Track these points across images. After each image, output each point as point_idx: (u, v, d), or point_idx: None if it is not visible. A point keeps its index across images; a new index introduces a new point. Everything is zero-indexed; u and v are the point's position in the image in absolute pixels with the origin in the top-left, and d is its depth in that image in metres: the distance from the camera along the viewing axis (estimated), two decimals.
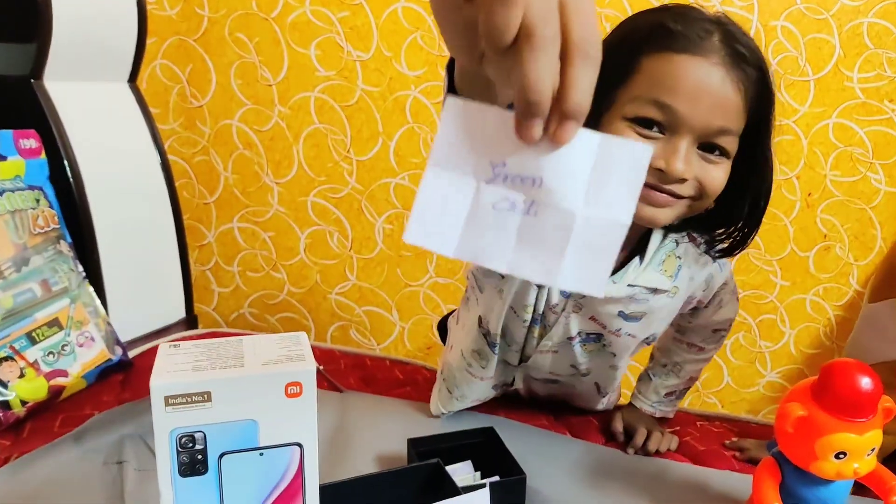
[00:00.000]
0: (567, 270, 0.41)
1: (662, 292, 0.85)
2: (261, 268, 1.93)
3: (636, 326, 0.87)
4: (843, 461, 0.63)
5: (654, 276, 0.84)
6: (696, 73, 0.71)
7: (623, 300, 0.84)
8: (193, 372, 0.41)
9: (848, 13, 1.62)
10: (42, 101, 1.21)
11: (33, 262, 1.05)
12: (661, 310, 0.87)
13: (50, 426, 0.94)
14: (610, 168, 0.41)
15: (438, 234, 0.42)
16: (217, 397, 0.40)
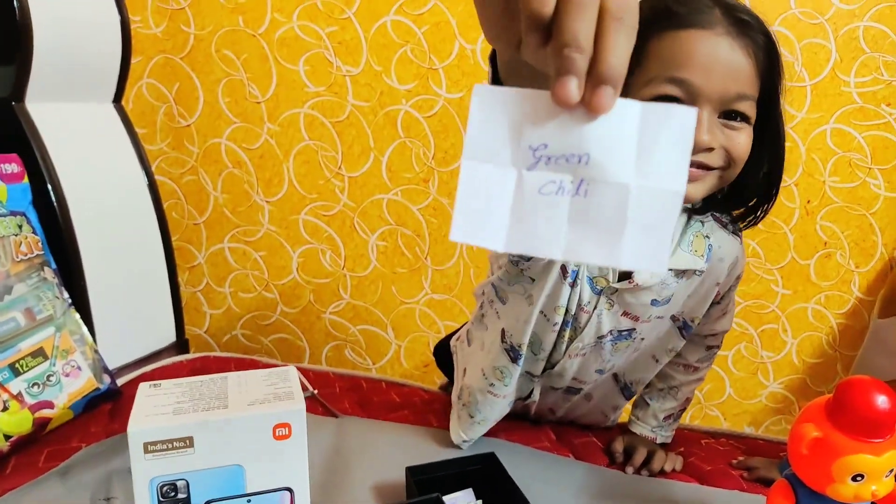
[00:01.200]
0: (628, 248, 0.39)
1: (692, 275, 0.86)
2: (253, 288, 1.92)
3: (664, 308, 0.87)
4: (860, 483, 0.61)
5: (686, 257, 0.85)
6: (705, 46, 0.73)
7: (655, 287, 0.84)
8: (174, 415, 0.38)
9: (843, 17, 1.63)
10: (24, 124, 1.20)
11: (16, 291, 1.03)
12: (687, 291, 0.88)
13: (35, 461, 0.92)
14: (657, 136, 0.39)
15: (484, 229, 0.40)
16: (200, 442, 0.38)
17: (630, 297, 0.85)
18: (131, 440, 0.38)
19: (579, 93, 0.38)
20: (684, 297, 0.88)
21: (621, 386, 0.99)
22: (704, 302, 0.91)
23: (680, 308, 0.90)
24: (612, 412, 1.03)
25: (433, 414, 1.08)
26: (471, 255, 1.82)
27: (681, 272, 0.85)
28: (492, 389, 0.92)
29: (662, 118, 0.39)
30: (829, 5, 1.63)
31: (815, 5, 1.63)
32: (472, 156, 0.40)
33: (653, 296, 0.85)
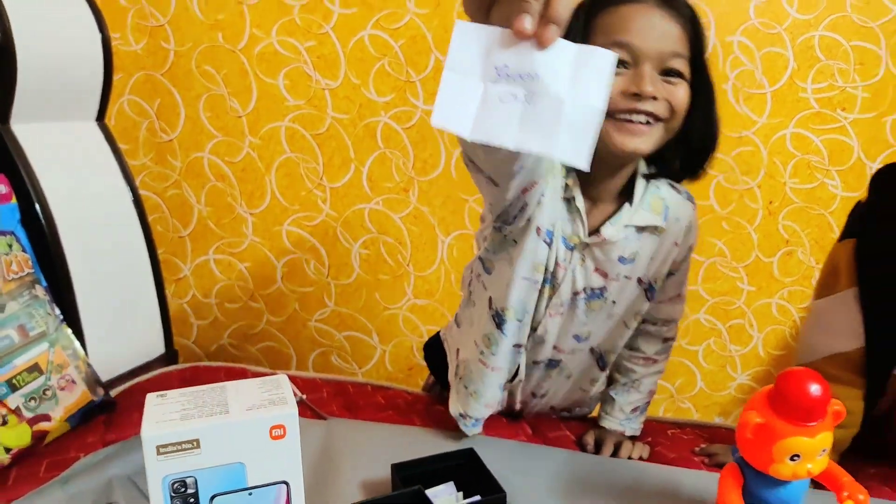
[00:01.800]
0: (560, 144, 0.54)
1: (653, 231, 0.97)
2: (239, 298, 1.96)
3: (631, 268, 0.98)
4: (797, 463, 0.68)
5: (646, 215, 0.97)
6: (640, 15, 0.88)
7: (620, 243, 0.95)
8: (182, 421, 0.44)
9: (800, 27, 1.70)
10: (9, 145, 1.22)
11: (9, 309, 1.06)
12: (650, 251, 0.99)
13: (35, 472, 0.96)
14: (586, 67, 0.55)
15: (457, 119, 0.56)
16: (206, 443, 0.43)
17: (599, 253, 0.95)
18: (145, 444, 0.43)
19: (533, 28, 0.53)
20: (648, 258, 0.98)
21: (596, 357, 1.06)
22: (665, 263, 1.00)
23: (644, 270, 0.99)
24: (590, 386, 1.09)
25: (416, 414, 1.13)
26: (451, 261, 1.88)
27: (641, 228, 0.96)
28: (482, 358, 0.99)
29: (589, 56, 0.54)
30: (787, 15, 1.70)
31: (774, 16, 1.70)
32: (451, 68, 0.56)
33: (619, 252, 0.96)
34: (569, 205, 0.94)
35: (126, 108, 1.78)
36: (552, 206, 0.93)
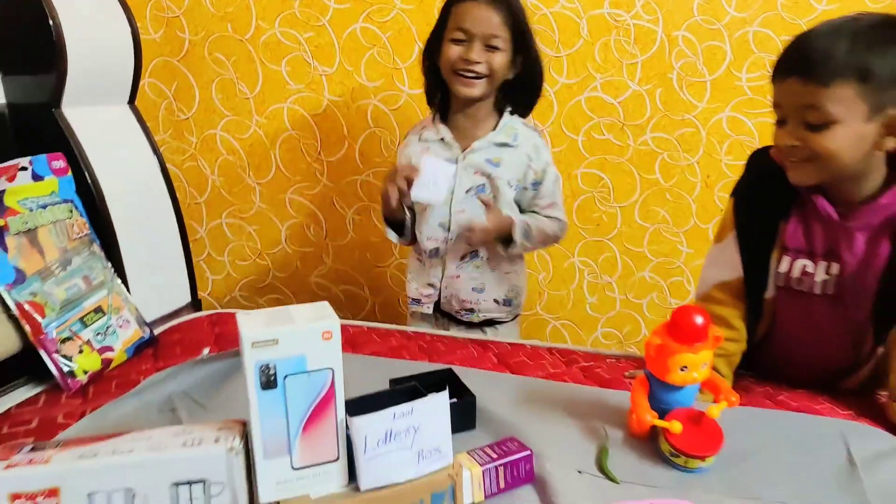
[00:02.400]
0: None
1: (508, 146, 1.43)
2: (248, 257, 2.14)
3: (499, 170, 1.42)
4: (686, 372, 0.91)
5: (501, 135, 1.44)
6: (473, 9, 1.34)
7: (486, 149, 1.43)
8: (266, 327, 0.65)
9: (737, 23, 1.84)
10: (63, 127, 1.38)
11: (74, 262, 1.26)
12: (511, 158, 1.43)
13: (107, 388, 1.17)
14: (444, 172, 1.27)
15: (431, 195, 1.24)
16: (282, 342, 0.65)
17: (472, 157, 1.43)
18: (244, 340, 0.64)
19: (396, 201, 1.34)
20: (509, 165, 1.43)
21: None
22: (525, 173, 1.44)
23: (510, 175, 1.43)
24: None
25: (405, 350, 1.34)
26: None
27: (500, 144, 1.43)
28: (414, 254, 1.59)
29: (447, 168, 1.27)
30: (725, 13, 1.84)
31: (714, 13, 1.84)
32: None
33: (486, 156, 1.43)
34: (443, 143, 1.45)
35: (147, 91, 1.93)
36: None
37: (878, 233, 1.01)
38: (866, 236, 1.01)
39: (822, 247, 1.06)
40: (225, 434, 0.68)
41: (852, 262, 1.03)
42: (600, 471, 0.90)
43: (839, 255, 1.04)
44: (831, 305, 1.07)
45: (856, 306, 1.05)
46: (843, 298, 1.05)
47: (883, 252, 1.00)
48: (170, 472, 0.65)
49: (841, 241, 1.03)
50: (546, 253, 2.06)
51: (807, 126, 0.95)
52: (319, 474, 0.70)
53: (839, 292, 1.06)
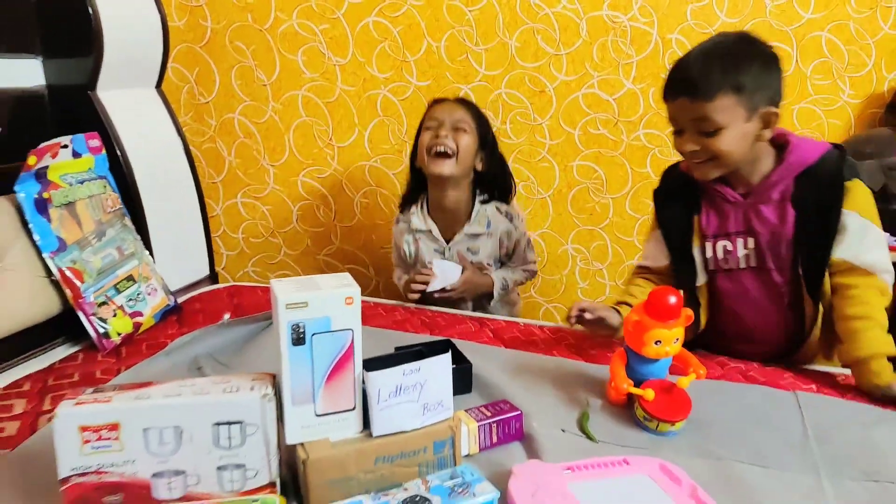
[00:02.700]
0: None
1: (482, 235, 1.63)
2: (261, 235, 2.23)
3: (478, 256, 1.65)
4: (660, 346, 1.01)
5: (476, 227, 1.64)
6: (444, 105, 1.60)
7: (463, 241, 1.64)
8: (296, 291, 0.75)
9: (727, 28, 1.92)
10: (98, 108, 1.46)
11: (108, 234, 1.35)
12: (486, 244, 1.65)
13: (138, 349, 1.27)
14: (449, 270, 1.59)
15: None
16: (311, 305, 0.74)
17: (455, 247, 1.63)
18: (280, 302, 0.74)
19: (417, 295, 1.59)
20: (486, 249, 1.65)
21: None
22: (498, 248, 1.66)
23: (485, 258, 1.65)
24: None
25: (410, 324, 1.45)
26: None
27: (474, 235, 1.63)
28: None
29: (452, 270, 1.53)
30: (717, 18, 1.94)
31: (706, 18, 1.94)
32: None
33: (466, 244, 1.64)
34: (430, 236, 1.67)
35: (170, 75, 2.00)
36: None
37: (780, 203, 1.18)
38: (771, 208, 1.18)
39: (735, 227, 1.22)
40: (258, 384, 0.78)
41: (765, 233, 1.19)
42: (581, 431, 1.01)
43: (753, 229, 1.20)
44: (757, 275, 1.23)
45: (778, 270, 1.21)
46: (766, 266, 1.21)
47: (789, 218, 1.17)
48: (212, 413, 0.75)
49: (751, 218, 1.20)
50: (541, 240, 2.15)
51: (701, 133, 1.12)
52: (338, 421, 0.80)
53: (760, 262, 1.21)
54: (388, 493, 0.78)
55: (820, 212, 1.15)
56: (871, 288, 1.15)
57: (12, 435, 0.97)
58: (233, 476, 0.77)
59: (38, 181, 1.25)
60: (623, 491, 0.84)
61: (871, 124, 1.96)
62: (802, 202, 1.16)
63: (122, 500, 0.74)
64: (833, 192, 1.15)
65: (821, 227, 1.16)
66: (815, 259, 1.17)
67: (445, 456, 0.84)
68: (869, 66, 1.92)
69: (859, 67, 1.92)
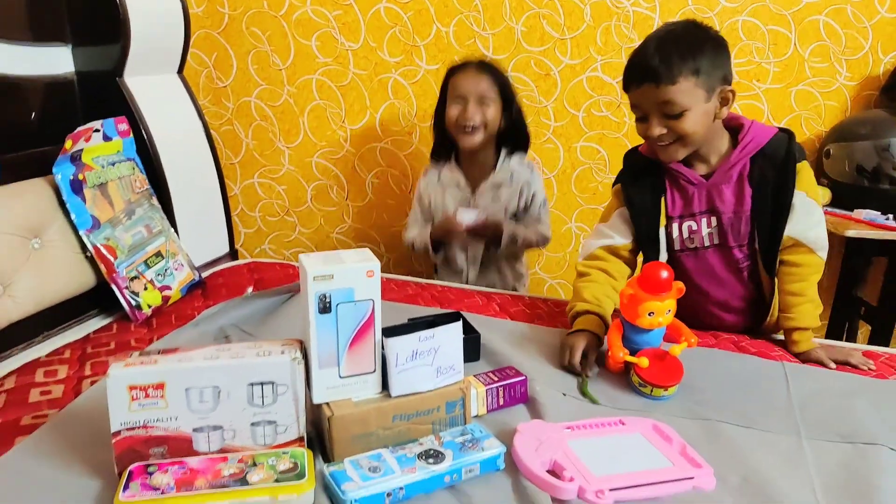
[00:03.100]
0: None
1: (504, 185, 1.72)
2: (277, 214, 2.29)
3: (497, 206, 1.73)
4: (653, 317, 1.08)
5: (499, 176, 1.74)
6: (467, 77, 1.67)
7: (489, 190, 1.73)
8: (323, 265, 0.82)
9: (728, 13, 1.96)
10: (125, 94, 1.52)
11: (137, 213, 1.42)
12: (507, 194, 1.73)
13: (168, 321, 1.35)
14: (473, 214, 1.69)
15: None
16: (336, 277, 0.81)
17: (479, 199, 1.72)
18: (309, 275, 0.80)
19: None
20: (507, 198, 1.72)
21: None
22: (517, 201, 1.73)
23: (505, 206, 1.72)
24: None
25: (421, 298, 1.51)
26: None
27: (498, 185, 1.72)
28: None
29: None
30: (717, 3, 1.95)
31: (706, 3, 1.94)
32: None
33: (491, 194, 1.72)
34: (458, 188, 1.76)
35: (189, 60, 2.01)
36: None
37: (738, 183, 1.24)
38: (731, 188, 1.25)
39: (699, 207, 1.28)
40: (288, 348, 0.85)
41: (727, 211, 1.26)
42: (582, 395, 1.08)
43: (715, 208, 1.26)
44: (719, 252, 1.29)
45: (738, 246, 1.27)
46: (727, 243, 1.28)
47: (747, 196, 1.24)
48: (247, 374, 0.82)
49: (714, 197, 1.26)
50: None
51: (667, 116, 1.18)
52: (360, 382, 0.88)
53: (722, 239, 1.28)
54: (405, 447, 0.85)
55: (774, 190, 1.23)
56: (810, 266, 1.25)
57: (59, 397, 1.05)
58: (265, 431, 0.85)
59: (73, 163, 1.32)
60: (618, 447, 0.92)
61: (866, 106, 1.99)
62: (758, 181, 1.23)
63: (165, 452, 0.82)
64: (786, 173, 1.22)
65: (775, 205, 1.23)
66: (772, 235, 1.24)
67: (457, 415, 0.91)
68: (865, 49, 1.94)
69: (856, 50, 1.95)
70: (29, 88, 1.43)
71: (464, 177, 1.76)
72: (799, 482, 0.87)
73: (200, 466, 0.80)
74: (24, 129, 1.42)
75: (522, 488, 0.83)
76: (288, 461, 0.81)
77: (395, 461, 0.82)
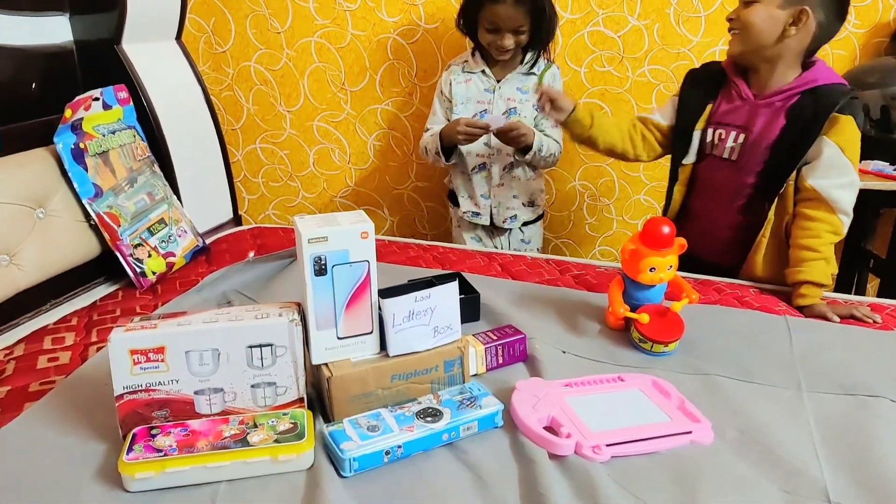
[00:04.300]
0: None
1: (532, 75, 1.71)
2: (280, 179, 2.29)
3: (525, 96, 1.70)
4: (654, 273, 1.06)
5: (527, 67, 1.71)
6: (501, 10, 1.57)
7: (515, 79, 1.71)
8: (318, 227, 0.81)
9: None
10: (124, 61, 1.49)
11: (139, 181, 1.41)
12: (532, 87, 1.70)
13: (172, 287, 1.35)
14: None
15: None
16: (331, 239, 0.80)
17: (506, 88, 1.71)
18: (303, 237, 0.79)
19: None
20: (532, 91, 1.68)
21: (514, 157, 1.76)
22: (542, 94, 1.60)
23: (533, 99, 1.66)
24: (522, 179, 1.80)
25: (423, 260, 1.51)
26: None
27: (524, 74, 1.71)
28: None
29: None
30: None
31: None
32: None
33: (517, 84, 1.71)
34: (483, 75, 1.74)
35: (188, 26, 1.99)
36: None
37: (777, 111, 1.28)
38: (767, 112, 1.29)
39: (736, 120, 1.33)
40: (286, 310, 0.85)
41: (754, 132, 1.30)
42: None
43: (747, 126, 1.31)
44: (731, 170, 1.34)
45: (748, 171, 1.32)
46: (740, 163, 1.33)
47: (777, 126, 1.28)
48: (246, 337, 0.82)
49: (751, 117, 1.31)
50: (549, 176, 2.18)
51: (744, 3, 1.27)
52: (358, 343, 0.87)
53: (739, 158, 1.33)
54: (404, 406, 0.86)
55: (804, 127, 1.25)
56: (827, 224, 1.25)
57: (66, 363, 1.06)
58: (265, 393, 0.85)
59: (74, 132, 1.30)
60: (616, 403, 0.91)
61: (875, 54, 1.93)
62: (795, 114, 1.26)
63: (168, 415, 0.83)
64: (822, 115, 1.23)
65: (798, 139, 1.25)
66: (781, 165, 1.27)
67: (455, 374, 0.91)
68: None
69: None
70: (28, 58, 1.41)
71: (488, 67, 1.74)
72: (798, 434, 0.87)
73: (202, 428, 0.80)
74: (25, 99, 1.40)
75: (520, 445, 0.83)
76: (288, 422, 0.81)
77: (393, 420, 0.82)
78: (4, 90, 1.35)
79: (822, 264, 1.24)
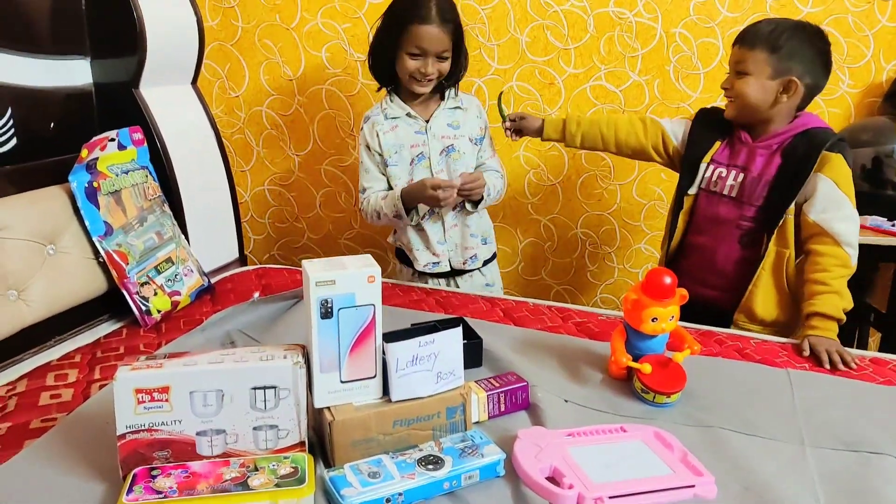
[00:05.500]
0: None
1: (459, 108, 1.63)
2: (286, 220, 2.30)
3: (460, 130, 1.61)
4: (656, 323, 1.06)
5: (452, 102, 1.62)
6: (427, 32, 1.47)
7: (445, 115, 1.61)
8: (325, 271, 0.81)
9: (729, 23, 1.93)
10: (141, 104, 1.52)
11: (149, 220, 1.41)
12: (464, 118, 1.62)
13: (177, 325, 1.34)
14: None
15: None
16: (338, 283, 0.80)
17: (436, 127, 1.59)
18: (311, 280, 0.79)
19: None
20: (466, 123, 1.62)
21: None
22: (478, 125, 1.64)
23: (467, 132, 1.61)
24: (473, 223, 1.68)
25: (424, 303, 1.50)
26: None
27: (453, 108, 1.61)
28: None
29: None
30: (719, 13, 1.93)
31: (708, 13, 1.93)
32: None
33: (446, 120, 1.60)
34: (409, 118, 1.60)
35: (203, 71, 2.02)
36: None
37: (774, 152, 1.37)
38: (766, 154, 1.38)
39: (738, 161, 1.41)
40: (290, 353, 0.84)
41: (753, 171, 1.38)
42: (498, 108, 1.65)
43: (747, 166, 1.39)
44: (732, 205, 1.41)
45: (749, 205, 1.38)
46: (741, 199, 1.39)
47: (774, 164, 1.36)
48: (251, 378, 0.81)
49: (750, 158, 1.39)
50: (552, 224, 2.20)
51: (736, 74, 1.36)
52: (361, 387, 0.86)
53: (739, 194, 1.39)
54: (405, 453, 0.84)
55: (799, 163, 1.33)
56: (834, 257, 1.30)
57: (68, 400, 1.05)
58: (267, 435, 0.83)
59: (89, 172, 1.32)
60: (619, 455, 0.89)
61: (869, 113, 1.97)
62: (789, 152, 1.35)
63: (169, 455, 0.81)
64: (814, 152, 1.31)
65: (794, 175, 1.33)
66: (780, 198, 1.34)
67: (457, 421, 0.90)
68: (867, 58, 1.92)
69: (858, 58, 1.92)
70: (49, 99, 1.44)
71: (411, 108, 1.60)
72: (802, 491, 0.85)
73: (203, 470, 0.79)
74: (43, 138, 1.42)
75: (522, 495, 0.81)
76: (289, 466, 0.80)
77: (394, 467, 0.80)
78: (25, 129, 1.37)
79: (833, 297, 1.26)
